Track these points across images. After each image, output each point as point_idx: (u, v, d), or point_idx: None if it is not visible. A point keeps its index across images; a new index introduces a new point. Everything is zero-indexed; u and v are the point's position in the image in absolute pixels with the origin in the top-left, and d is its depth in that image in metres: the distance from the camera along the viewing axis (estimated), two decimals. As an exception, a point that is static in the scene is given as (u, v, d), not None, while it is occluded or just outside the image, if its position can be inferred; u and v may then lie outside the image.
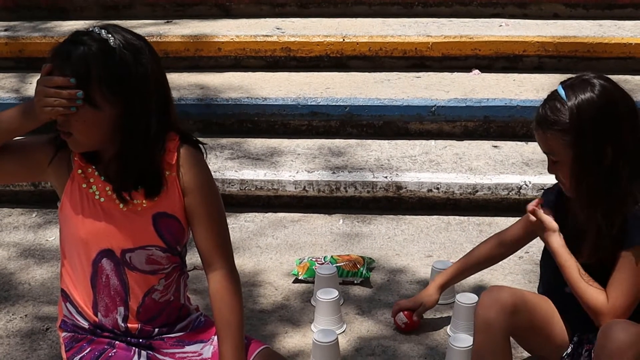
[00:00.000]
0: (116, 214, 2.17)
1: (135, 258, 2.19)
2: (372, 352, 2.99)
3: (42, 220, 4.11)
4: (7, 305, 3.34)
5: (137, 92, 2.06)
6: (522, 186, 4.01)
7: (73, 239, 2.20)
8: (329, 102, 4.59)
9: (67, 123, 2.05)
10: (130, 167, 2.12)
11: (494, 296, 2.46)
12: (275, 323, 3.18)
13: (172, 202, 2.19)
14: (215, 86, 4.90)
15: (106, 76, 2.02)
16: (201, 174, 2.22)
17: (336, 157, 4.36)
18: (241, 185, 4.12)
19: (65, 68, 2.01)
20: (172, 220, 2.20)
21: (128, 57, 2.04)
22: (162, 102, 2.13)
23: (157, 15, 5.73)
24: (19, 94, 4.84)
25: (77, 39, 2.06)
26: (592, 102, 2.30)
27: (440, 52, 5.06)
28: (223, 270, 2.23)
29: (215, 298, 2.23)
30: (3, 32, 5.46)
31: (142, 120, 2.08)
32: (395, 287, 3.41)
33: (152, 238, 2.19)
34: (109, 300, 2.22)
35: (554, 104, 2.34)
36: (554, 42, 4.98)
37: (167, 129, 2.17)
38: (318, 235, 3.91)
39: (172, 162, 2.17)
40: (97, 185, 2.17)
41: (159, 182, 2.16)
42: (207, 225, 2.22)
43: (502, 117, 4.52)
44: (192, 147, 2.23)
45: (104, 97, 2.03)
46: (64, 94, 1.99)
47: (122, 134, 2.08)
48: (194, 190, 2.20)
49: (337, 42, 5.09)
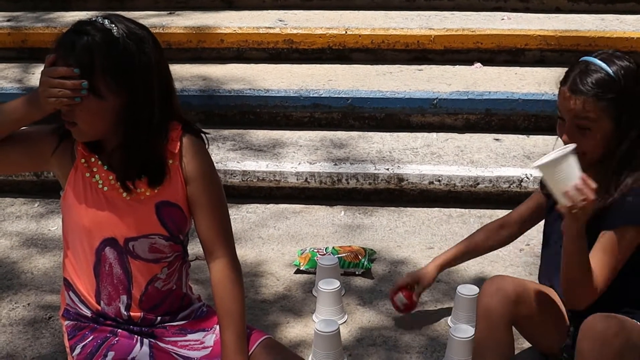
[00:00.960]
0: (119, 202, 2.18)
1: (138, 246, 2.21)
2: (373, 343, 3.00)
3: (45, 210, 4.12)
4: (10, 294, 3.35)
5: (141, 82, 2.07)
6: (524, 179, 4.02)
7: (76, 227, 2.22)
8: (331, 94, 4.60)
9: (72, 113, 2.06)
10: (133, 157, 2.13)
11: (496, 285, 2.47)
12: (277, 313, 3.19)
13: (174, 190, 2.20)
14: (217, 77, 4.91)
15: (110, 66, 2.02)
16: (203, 163, 2.23)
17: (338, 149, 4.37)
18: (243, 177, 4.13)
19: (69, 58, 2.02)
20: (175, 209, 2.21)
21: (131, 47, 2.05)
22: (165, 91, 2.14)
23: (159, 7, 5.74)
24: (22, 84, 4.84)
25: (81, 28, 2.06)
26: (633, 70, 2.29)
27: (443, 45, 5.06)
28: (225, 258, 2.25)
29: (217, 287, 2.24)
30: (6, 22, 5.46)
31: (146, 110, 2.09)
32: (397, 278, 3.40)
33: (155, 226, 2.20)
34: (112, 289, 2.24)
35: (595, 74, 2.29)
36: (556, 36, 4.98)
37: (170, 118, 2.18)
38: (320, 226, 3.92)
39: (175, 151, 2.18)
40: (100, 174, 2.18)
41: (162, 171, 2.17)
42: (209, 213, 2.23)
43: (504, 110, 4.53)
44: (194, 136, 2.24)
45: (108, 87, 2.03)
46: (68, 84, 2.00)
47: (125, 123, 2.09)
48: (197, 179, 2.21)
49: (339, 35, 5.10)
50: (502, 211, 3.93)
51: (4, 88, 4.79)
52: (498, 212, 3.96)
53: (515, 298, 2.45)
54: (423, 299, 3.26)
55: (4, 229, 3.93)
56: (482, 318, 2.49)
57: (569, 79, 2.33)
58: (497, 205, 4.03)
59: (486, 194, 4.09)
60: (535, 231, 3.35)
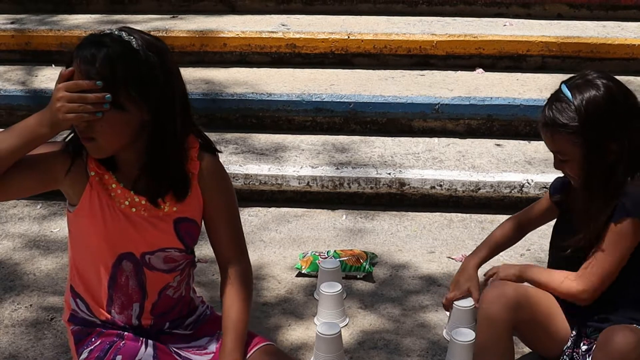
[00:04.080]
0: (138, 219, 2.15)
1: (154, 259, 2.21)
2: (374, 346, 3.01)
3: (47, 211, 4.13)
4: (13, 295, 3.36)
5: (163, 94, 2.02)
6: (525, 184, 4.04)
7: (92, 244, 2.17)
8: (334, 98, 4.62)
9: (91, 128, 1.99)
10: (159, 172, 2.10)
11: (498, 291, 2.48)
12: (279, 316, 3.20)
13: (193, 207, 2.20)
14: (220, 81, 4.92)
15: (132, 77, 1.96)
16: (223, 182, 2.25)
17: (340, 153, 4.38)
18: (245, 180, 4.14)
19: (90, 71, 1.94)
20: (192, 225, 2.22)
21: (152, 58, 2.00)
22: (185, 103, 2.11)
23: (162, 10, 5.75)
24: (25, 86, 4.86)
25: (98, 40, 1.99)
26: (597, 101, 2.34)
27: (445, 50, 5.08)
28: (241, 268, 2.28)
29: (227, 295, 2.25)
30: (10, 24, 5.48)
31: (170, 123, 2.05)
32: (398, 282, 3.44)
33: (173, 241, 2.20)
34: (126, 299, 2.23)
35: (560, 105, 2.37)
36: (557, 42, 5.00)
37: (189, 132, 2.16)
38: (321, 230, 3.93)
39: (195, 171, 2.18)
40: (116, 192, 2.14)
41: (187, 184, 2.16)
42: (227, 228, 2.26)
43: (505, 116, 4.55)
44: (212, 155, 2.23)
45: (130, 99, 1.98)
46: (90, 98, 1.92)
47: (150, 137, 2.04)
48: (215, 198, 2.22)
49: (341, 40, 5.12)
50: (503, 216, 3.94)
51: (7, 90, 4.81)
52: (499, 217, 3.98)
53: (516, 304, 2.46)
54: (424, 302, 3.28)
55: (6, 230, 3.94)
56: (483, 325, 2.49)
57: (543, 110, 2.42)
58: (498, 210, 4.05)
59: (487, 199, 4.10)
60: (536, 236, 3.39)
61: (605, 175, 2.37)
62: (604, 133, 2.34)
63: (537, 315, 2.52)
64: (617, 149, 2.35)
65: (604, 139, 2.34)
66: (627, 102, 2.38)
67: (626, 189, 2.36)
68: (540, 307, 2.53)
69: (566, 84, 2.41)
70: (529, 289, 2.57)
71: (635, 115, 2.38)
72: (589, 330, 2.49)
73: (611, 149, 2.35)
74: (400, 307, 3.26)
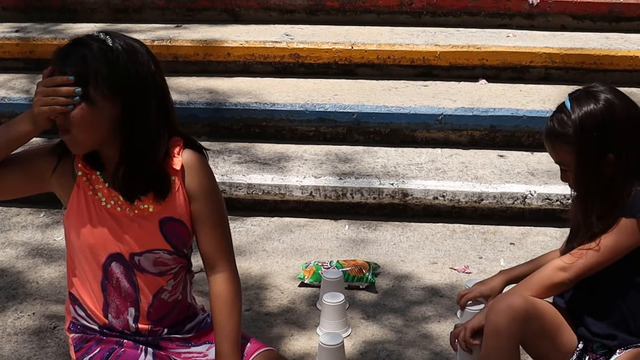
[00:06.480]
0: (123, 219, 2.18)
1: (143, 261, 2.22)
2: (377, 356, 3.01)
3: (50, 220, 4.14)
4: (15, 303, 3.37)
5: (135, 89, 2.08)
6: (527, 195, 4.04)
7: (81, 244, 2.21)
8: (337, 108, 4.62)
9: (67, 121, 2.07)
10: (134, 169, 2.13)
11: (505, 302, 2.46)
12: (281, 326, 3.20)
13: (178, 207, 2.21)
14: (224, 91, 4.93)
15: (104, 73, 2.04)
16: (206, 180, 2.24)
17: (343, 163, 4.39)
18: (248, 190, 4.15)
19: (65, 67, 2.05)
20: (179, 225, 2.22)
21: (124, 55, 2.08)
22: (161, 103, 2.15)
23: (167, 20, 5.76)
24: (29, 94, 4.86)
25: (78, 40, 2.11)
26: (594, 114, 2.37)
27: (448, 61, 5.09)
28: (225, 273, 2.27)
29: (216, 300, 2.26)
30: (14, 32, 5.50)
31: (141, 118, 2.10)
32: (401, 293, 3.44)
33: (159, 242, 2.21)
34: (120, 302, 2.25)
35: (560, 117, 2.42)
36: (560, 54, 5.01)
37: (170, 133, 2.19)
38: (324, 240, 3.93)
39: (178, 168, 2.19)
40: (102, 191, 2.18)
41: (167, 183, 2.18)
42: (211, 230, 2.25)
43: (508, 127, 4.55)
44: (196, 152, 2.25)
45: (102, 94, 2.05)
46: (62, 91, 2.02)
47: (122, 132, 2.10)
48: (199, 196, 2.22)
49: (345, 50, 5.13)
50: (505, 227, 3.99)
51: (11, 98, 4.82)
52: (502, 228, 4.00)
53: (524, 316, 2.43)
54: (426, 313, 3.28)
55: (9, 238, 3.95)
56: (489, 336, 2.47)
57: (547, 121, 2.45)
58: (500, 221, 4.05)
59: (490, 210, 4.10)
60: (540, 250, 3.37)
61: (603, 186, 2.38)
62: (600, 145, 2.36)
63: (545, 328, 2.50)
64: (615, 161, 2.37)
65: (600, 151, 2.37)
66: (628, 114, 2.39)
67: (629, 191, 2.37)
68: (547, 319, 2.51)
69: (569, 96, 2.44)
70: (536, 300, 2.55)
71: (637, 127, 2.39)
72: (595, 345, 2.48)
73: (608, 161, 2.37)
74: (403, 317, 3.26)
